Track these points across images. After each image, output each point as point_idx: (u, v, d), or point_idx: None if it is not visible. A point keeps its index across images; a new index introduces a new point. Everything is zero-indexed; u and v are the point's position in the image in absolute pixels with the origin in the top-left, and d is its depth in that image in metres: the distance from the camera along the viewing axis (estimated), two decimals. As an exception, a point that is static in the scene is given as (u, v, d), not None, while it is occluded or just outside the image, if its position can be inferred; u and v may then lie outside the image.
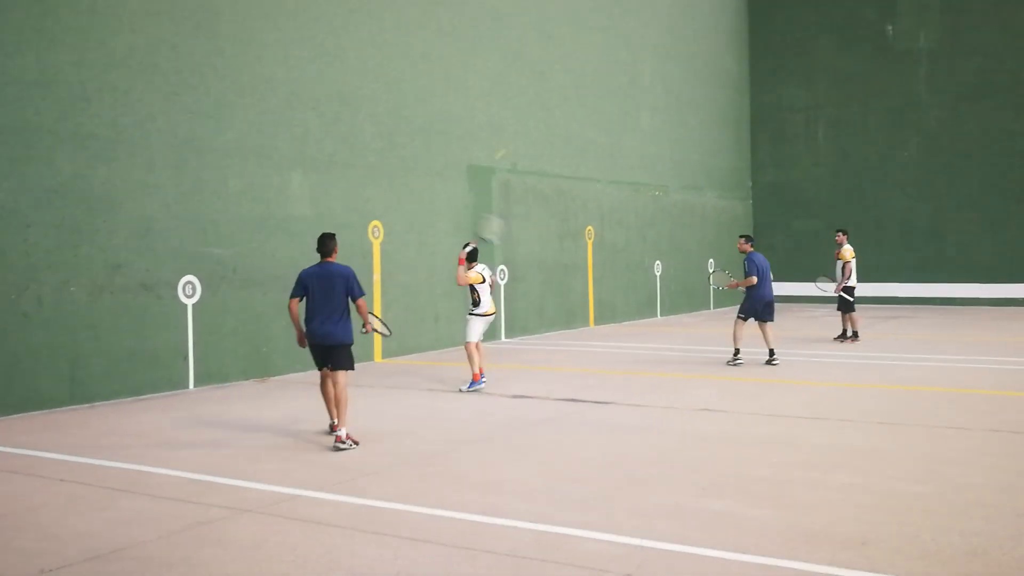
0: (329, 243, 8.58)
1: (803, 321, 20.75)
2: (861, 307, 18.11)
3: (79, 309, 10.51)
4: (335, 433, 8.19)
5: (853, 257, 16.39)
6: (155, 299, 11.29)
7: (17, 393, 9.96)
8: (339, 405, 8.23)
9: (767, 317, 13.48)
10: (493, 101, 17.09)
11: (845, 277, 16.23)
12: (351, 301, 8.40)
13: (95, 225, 10.70)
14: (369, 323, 8.65)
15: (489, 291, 11.52)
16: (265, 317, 12.63)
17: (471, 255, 11.41)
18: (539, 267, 18.22)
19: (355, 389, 11.55)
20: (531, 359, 14.39)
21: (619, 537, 5.44)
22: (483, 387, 11.32)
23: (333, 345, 8.30)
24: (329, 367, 8.38)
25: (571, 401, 10.42)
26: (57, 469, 7.49)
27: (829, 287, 16.78)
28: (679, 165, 23.45)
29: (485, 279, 11.47)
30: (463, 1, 16.46)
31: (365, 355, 14.19)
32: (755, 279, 13.31)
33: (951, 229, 24.34)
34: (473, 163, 16.54)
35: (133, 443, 8.48)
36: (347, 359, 8.36)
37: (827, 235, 25.01)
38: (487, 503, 6.22)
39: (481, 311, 11.44)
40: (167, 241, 11.45)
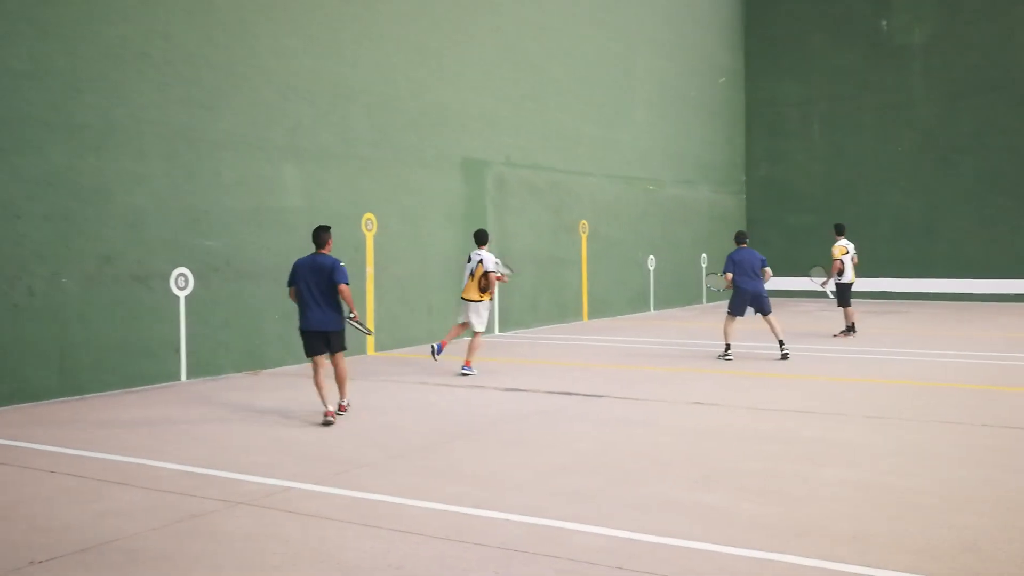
0: (323, 235, 9.14)
1: (796, 316, 20.79)
2: (854, 302, 18.13)
3: (70, 300, 10.46)
4: (340, 403, 9.17)
5: (845, 253, 16.42)
6: (147, 291, 11.25)
7: (7, 384, 9.91)
8: (342, 382, 9.19)
9: (763, 310, 13.51)
10: (487, 94, 17.06)
11: (832, 272, 16.33)
12: (336, 288, 9.02)
13: (86, 216, 10.65)
14: (355, 311, 9.19)
15: (468, 273, 12.21)
16: (258, 309, 12.59)
17: (481, 236, 12.17)
18: (533, 261, 18.20)
19: (348, 382, 11.52)
20: (524, 352, 14.39)
21: (610, 530, 5.44)
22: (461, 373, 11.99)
23: (330, 331, 9.01)
24: (328, 352, 9.09)
25: (564, 394, 10.41)
26: (47, 461, 7.45)
27: (820, 280, 16.86)
28: (673, 159, 23.45)
29: (470, 259, 12.23)
30: (457, -7, 16.43)
31: (358, 348, 14.17)
32: (730, 276, 13.54)
33: (944, 225, 24.40)
34: (467, 156, 16.51)
35: (124, 435, 8.45)
36: (343, 341, 9.21)
37: (821, 230, 25.08)
38: (479, 496, 6.21)
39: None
40: (159, 232, 11.40)
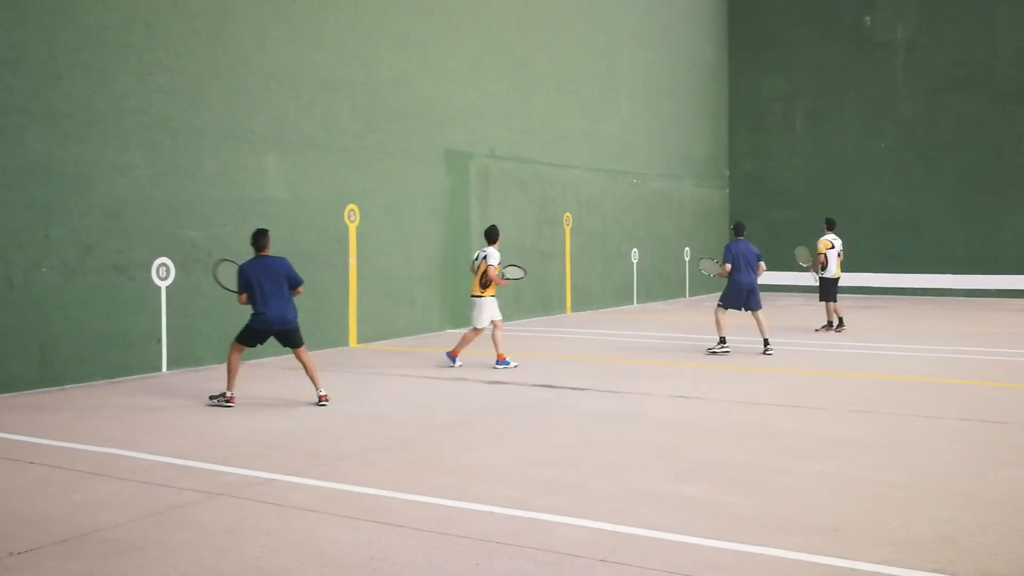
0: (264, 239, 9.56)
1: (780, 310, 20.87)
2: (840, 297, 18.19)
3: (50, 290, 10.38)
4: (319, 394, 9.41)
5: (829, 248, 16.53)
6: (128, 281, 11.17)
7: (-14, 375, 9.84)
8: (314, 375, 9.47)
9: (752, 306, 13.48)
10: (471, 85, 17.02)
11: (815, 265, 16.43)
12: (291, 288, 9.53)
13: (67, 205, 10.56)
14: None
15: (473, 270, 12.23)
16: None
17: (490, 234, 12.18)
18: (517, 253, 18.18)
19: (330, 373, 11.51)
20: (507, 345, 14.36)
21: (594, 522, 5.45)
22: (455, 366, 12.06)
23: (290, 329, 9.48)
24: (291, 347, 9.58)
25: (547, 387, 10.42)
26: (27, 451, 7.40)
27: (805, 263, 17.05)
28: (657, 153, 23.48)
29: (476, 257, 12.21)
30: (442, -16, 16.37)
31: (340, 340, 14.14)
32: (728, 267, 13.37)
33: (926, 220, 24.55)
34: (451, 147, 16.47)
35: (104, 426, 8.40)
36: (301, 336, 9.65)
37: (804, 225, 25.20)
38: (462, 488, 6.21)
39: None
40: (140, 223, 11.32)
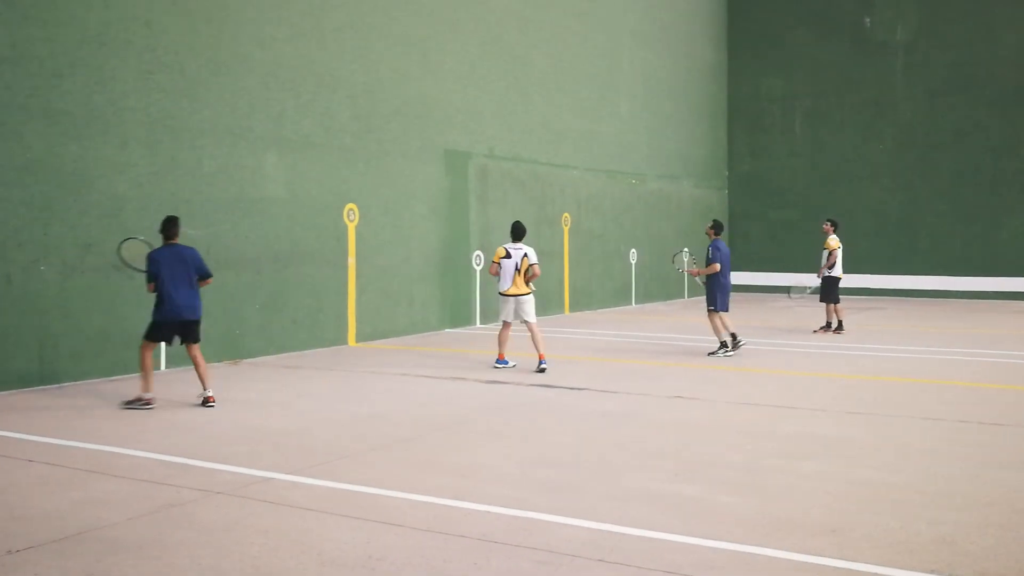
0: (174, 227, 9.35)
1: (777, 311, 20.89)
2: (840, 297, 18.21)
3: (49, 288, 10.37)
4: (206, 395, 9.23)
5: (839, 247, 16.43)
6: (126, 279, 11.15)
7: (-15, 372, 9.83)
8: (204, 374, 9.29)
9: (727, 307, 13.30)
10: (471, 85, 17.02)
11: (827, 264, 16.32)
12: (199, 279, 9.39)
13: (66, 203, 10.56)
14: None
15: (513, 268, 11.78)
16: (238, 299, 12.53)
17: (516, 231, 11.92)
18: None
19: (329, 373, 11.53)
20: (509, 345, 14.35)
21: (592, 522, 5.45)
22: (504, 367, 11.84)
23: (195, 320, 9.31)
24: (188, 342, 9.32)
25: (545, 387, 10.42)
26: (25, 449, 7.40)
27: (800, 296, 17.10)
28: (656, 153, 23.49)
29: (510, 254, 11.83)
30: (442, -16, 16.37)
31: (339, 339, 14.14)
32: (718, 266, 13.11)
33: (924, 221, 24.57)
34: (450, 147, 16.47)
35: (103, 424, 8.40)
36: (200, 332, 9.50)
37: (802, 225, 25.26)
38: (460, 487, 6.21)
39: (500, 289, 11.97)
40: (139, 221, 11.31)
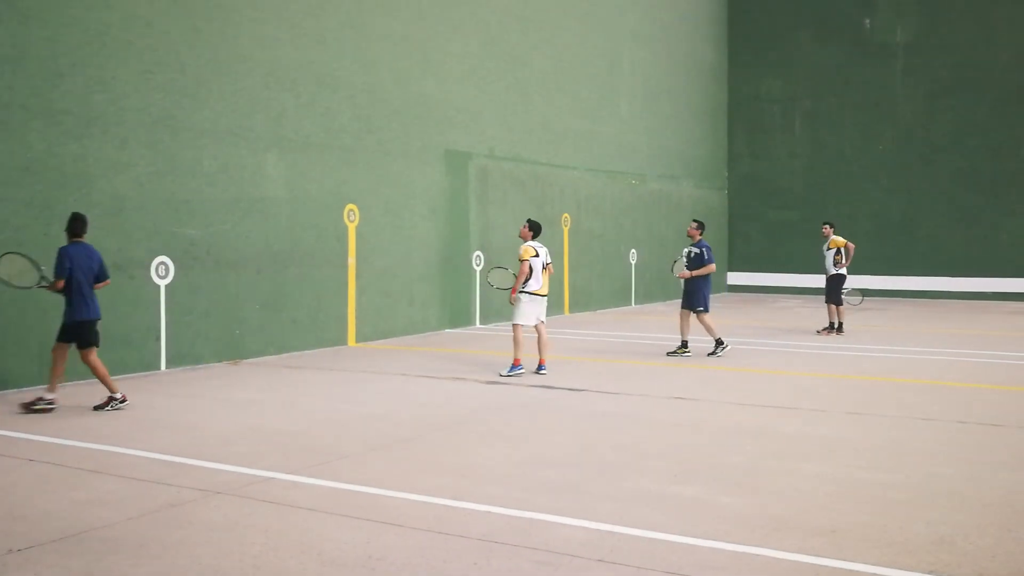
0: (82, 224, 9.07)
1: (776, 312, 20.90)
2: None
3: (49, 288, 10.37)
4: (112, 396, 8.92)
5: (845, 243, 16.37)
6: (127, 279, 11.17)
7: (-15, 372, 9.84)
8: (105, 376, 8.94)
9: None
10: (471, 86, 17.03)
11: (848, 260, 16.25)
12: (98, 280, 9.11)
13: (67, 203, 10.56)
14: None
15: (540, 267, 11.33)
16: (238, 299, 12.55)
17: (538, 228, 11.41)
18: (515, 253, 18.15)
19: (329, 373, 11.54)
20: (505, 345, 14.37)
21: (591, 523, 5.46)
22: (519, 374, 11.20)
23: (98, 321, 9.03)
24: (92, 346, 8.97)
25: (545, 387, 10.43)
26: (26, 449, 7.41)
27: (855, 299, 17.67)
28: (656, 154, 23.50)
29: (538, 252, 11.33)
30: (443, -16, 16.38)
31: (339, 339, 14.15)
32: (714, 267, 13.18)
33: (923, 223, 24.59)
34: (450, 147, 16.48)
35: (103, 424, 8.41)
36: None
37: (801, 226, 25.27)
38: (460, 488, 6.23)
39: (531, 288, 11.29)
40: (140, 221, 11.33)
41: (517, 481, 6.43)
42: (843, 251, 16.27)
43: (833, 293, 16.13)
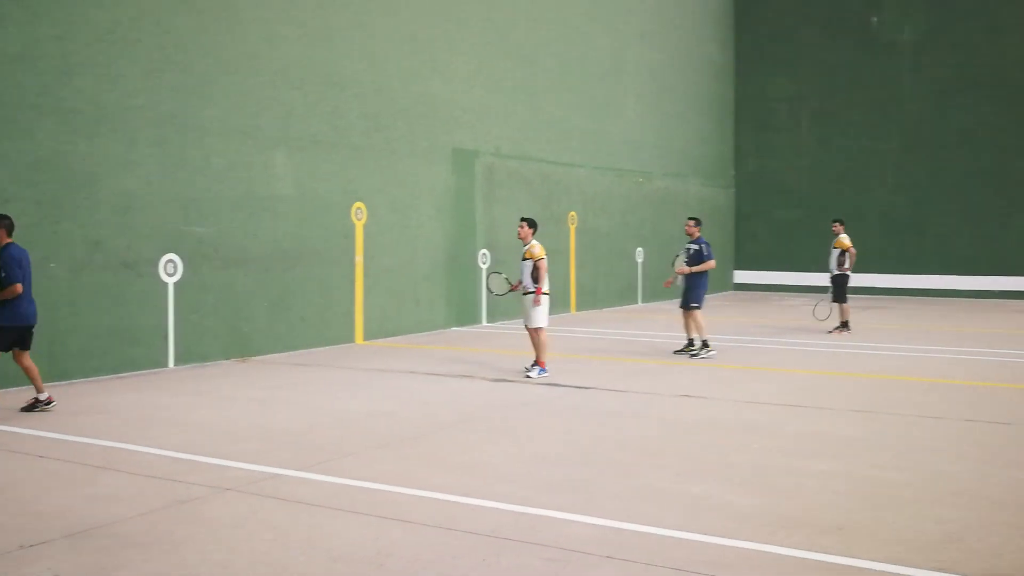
0: (11, 225, 8.78)
1: (783, 310, 20.87)
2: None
3: (59, 286, 10.42)
4: (38, 397, 8.83)
5: (851, 245, 16.34)
6: (136, 277, 11.22)
7: (-5, 369, 9.88)
8: (37, 376, 8.83)
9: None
10: (478, 84, 17.04)
11: (851, 264, 16.20)
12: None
13: (76, 201, 10.61)
14: None
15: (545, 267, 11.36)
16: (246, 297, 12.58)
17: (535, 226, 11.49)
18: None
19: (337, 371, 11.57)
20: (511, 343, 14.40)
21: (599, 520, 5.47)
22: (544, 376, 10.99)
23: (34, 324, 8.83)
24: (26, 348, 8.80)
25: (551, 385, 10.44)
26: (36, 445, 7.44)
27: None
28: (663, 152, 23.48)
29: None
30: (450, -17, 16.39)
31: (346, 337, 14.18)
32: (714, 263, 13.17)
33: (931, 221, 24.53)
34: (457, 146, 16.49)
35: (112, 421, 8.44)
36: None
37: (809, 225, 25.22)
38: (467, 485, 6.24)
39: (545, 289, 11.30)
40: (148, 219, 11.37)
41: (524, 478, 6.44)
42: (847, 254, 16.26)
43: (840, 292, 16.11)
